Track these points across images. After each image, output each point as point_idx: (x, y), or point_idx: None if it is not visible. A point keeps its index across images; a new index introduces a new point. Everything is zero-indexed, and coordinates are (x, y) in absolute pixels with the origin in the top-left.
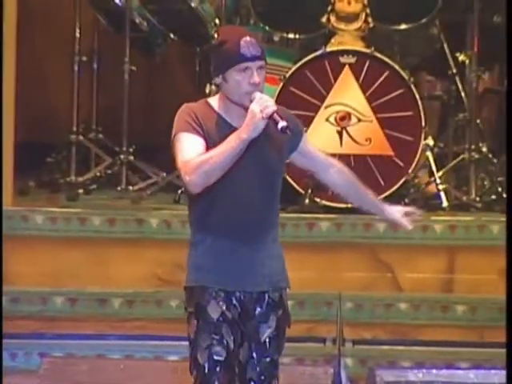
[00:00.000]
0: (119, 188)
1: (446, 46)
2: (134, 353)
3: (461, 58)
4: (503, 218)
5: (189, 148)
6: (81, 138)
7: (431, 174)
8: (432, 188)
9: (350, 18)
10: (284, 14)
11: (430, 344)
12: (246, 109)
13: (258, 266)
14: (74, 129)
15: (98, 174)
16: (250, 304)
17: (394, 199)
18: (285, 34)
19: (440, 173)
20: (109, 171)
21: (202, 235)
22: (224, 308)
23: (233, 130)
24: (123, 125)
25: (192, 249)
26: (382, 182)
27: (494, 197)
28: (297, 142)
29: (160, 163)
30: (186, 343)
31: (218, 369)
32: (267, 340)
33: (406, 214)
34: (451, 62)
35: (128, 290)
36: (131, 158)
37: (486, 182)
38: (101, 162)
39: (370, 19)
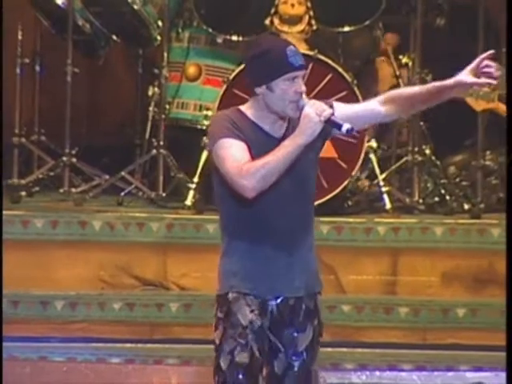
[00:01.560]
0: (62, 190)
1: (389, 48)
2: (77, 355)
3: (404, 60)
4: (446, 220)
5: (237, 153)
6: (23, 140)
7: (374, 176)
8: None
9: (294, 20)
10: (227, 16)
11: (373, 346)
12: (282, 117)
13: (295, 272)
14: (17, 131)
15: (41, 176)
16: (287, 312)
17: (336, 201)
18: (228, 37)
19: (383, 175)
20: (51, 173)
21: (237, 242)
22: (254, 317)
23: (271, 138)
24: (66, 127)
25: (226, 256)
26: (326, 184)
27: (436, 199)
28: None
29: (103, 165)
30: (129, 345)
31: (240, 375)
32: (304, 350)
33: (473, 71)
34: (394, 65)
35: (71, 292)
36: (74, 160)
37: (429, 185)
38: (43, 164)
39: (313, 22)
